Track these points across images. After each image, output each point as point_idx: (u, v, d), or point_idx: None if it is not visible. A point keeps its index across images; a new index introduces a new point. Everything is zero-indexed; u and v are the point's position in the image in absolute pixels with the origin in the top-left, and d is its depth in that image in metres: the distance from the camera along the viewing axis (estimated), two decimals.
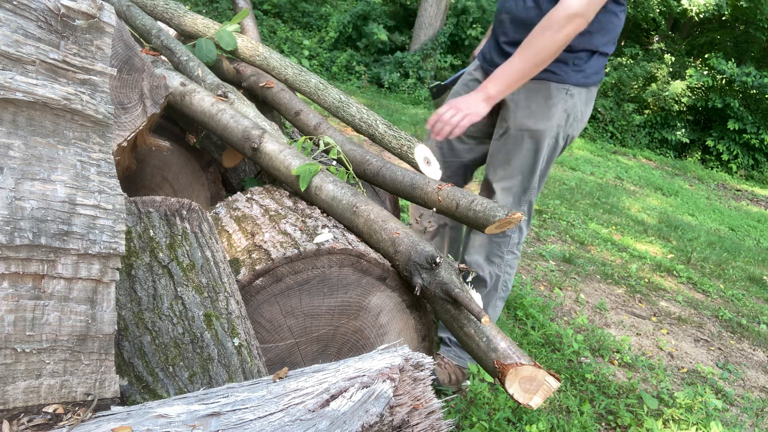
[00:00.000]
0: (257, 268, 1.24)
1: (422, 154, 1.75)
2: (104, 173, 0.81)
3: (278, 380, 0.84)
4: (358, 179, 1.72)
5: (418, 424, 0.77)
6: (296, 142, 1.75)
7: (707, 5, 12.19)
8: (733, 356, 3.11)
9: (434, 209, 1.50)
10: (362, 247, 1.36)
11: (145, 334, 0.99)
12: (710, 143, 11.88)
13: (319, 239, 1.31)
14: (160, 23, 2.26)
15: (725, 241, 5.74)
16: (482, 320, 1.18)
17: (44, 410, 0.78)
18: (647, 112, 12.48)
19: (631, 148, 11.75)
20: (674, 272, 4.25)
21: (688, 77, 11.94)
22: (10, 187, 0.72)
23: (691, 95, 12.13)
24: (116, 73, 0.96)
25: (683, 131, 12.18)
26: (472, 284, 1.37)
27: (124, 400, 0.93)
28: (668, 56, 13.00)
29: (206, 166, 2.01)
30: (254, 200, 1.55)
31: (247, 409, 0.75)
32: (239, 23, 2.28)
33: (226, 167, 1.99)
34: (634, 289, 3.71)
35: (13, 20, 0.71)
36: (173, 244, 1.07)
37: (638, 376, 2.57)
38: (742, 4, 11.80)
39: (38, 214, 0.74)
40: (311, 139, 1.81)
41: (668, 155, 11.99)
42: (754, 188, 10.58)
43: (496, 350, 1.22)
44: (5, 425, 0.75)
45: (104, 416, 0.79)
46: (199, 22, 2.22)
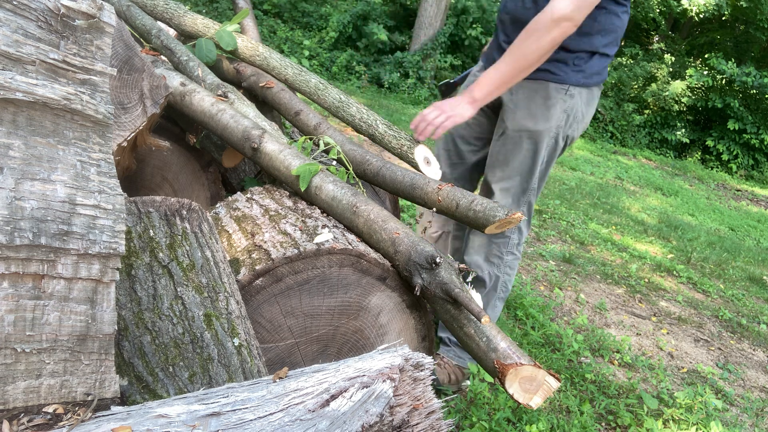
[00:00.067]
0: (257, 268, 1.25)
1: (422, 154, 1.75)
2: (104, 173, 0.81)
3: (278, 380, 0.84)
4: (358, 179, 1.72)
5: (418, 424, 0.77)
6: (296, 142, 1.74)
7: (707, 5, 12.20)
8: (733, 356, 3.11)
9: (434, 209, 1.50)
10: (362, 247, 1.36)
11: (145, 334, 0.99)
12: (710, 143, 11.89)
13: (319, 239, 1.31)
14: (160, 23, 2.26)
15: (725, 241, 5.74)
16: (482, 320, 1.18)
17: (44, 410, 0.78)
18: (647, 112, 12.48)
19: (631, 148, 11.75)
20: (674, 272, 4.25)
21: (688, 77, 11.95)
22: (10, 187, 0.72)
23: (691, 95, 12.13)
24: (116, 73, 0.96)
25: (683, 131, 12.18)
26: (471, 284, 1.37)
27: (124, 400, 0.93)
28: (668, 56, 13.00)
29: (206, 166, 2.01)
30: (254, 200, 1.55)
31: (247, 409, 0.75)
32: (239, 23, 2.28)
33: (226, 167, 1.99)
34: (634, 289, 3.71)
35: (13, 20, 0.71)
36: (173, 244, 1.07)
37: (638, 376, 2.57)
38: (742, 4, 11.81)
39: (38, 214, 0.74)
40: (311, 139, 1.81)
41: (668, 155, 11.99)
42: (754, 188, 10.58)
43: (496, 350, 1.22)
44: (5, 425, 0.75)
45: (104, 416, 0.79)
46: (199, 22, 2.22)
